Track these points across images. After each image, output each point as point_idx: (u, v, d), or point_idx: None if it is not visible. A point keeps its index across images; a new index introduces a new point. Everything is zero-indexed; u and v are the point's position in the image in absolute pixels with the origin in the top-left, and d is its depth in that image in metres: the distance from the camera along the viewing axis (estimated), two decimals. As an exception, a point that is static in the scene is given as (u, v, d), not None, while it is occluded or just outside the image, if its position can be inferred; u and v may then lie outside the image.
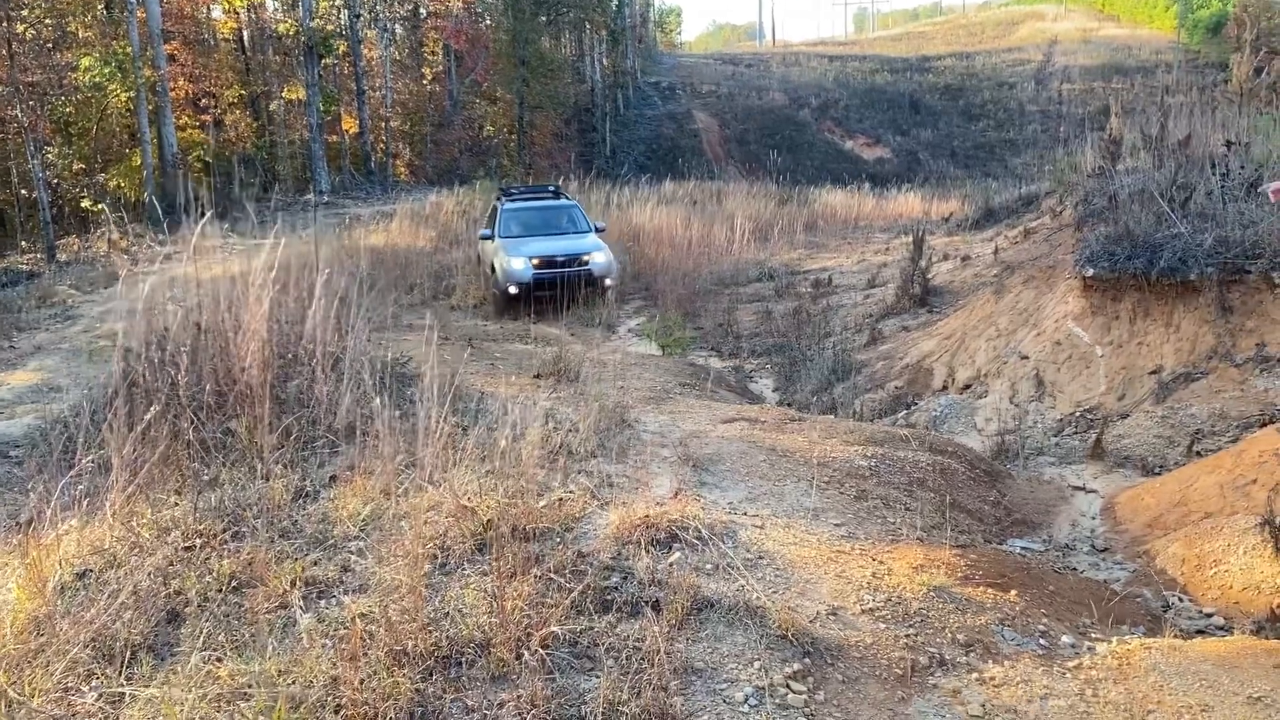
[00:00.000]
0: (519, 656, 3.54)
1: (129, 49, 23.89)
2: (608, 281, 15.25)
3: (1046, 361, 9.92)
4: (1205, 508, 6.54)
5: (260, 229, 12.01)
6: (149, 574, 4.36)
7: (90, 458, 5.30)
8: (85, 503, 5.04)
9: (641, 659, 3.57)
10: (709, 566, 4.43)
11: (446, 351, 10.86)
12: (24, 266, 18.84)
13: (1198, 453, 7.93)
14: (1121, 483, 7.86)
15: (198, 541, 4.75)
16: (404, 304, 14.73)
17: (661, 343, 13.87)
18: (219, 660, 3.72)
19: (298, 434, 6.12)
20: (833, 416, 9.33)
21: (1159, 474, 7.84)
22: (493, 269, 15.72)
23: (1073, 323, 10.04)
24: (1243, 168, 10.24)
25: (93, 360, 10.43)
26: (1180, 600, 5.64)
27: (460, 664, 3.56)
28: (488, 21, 44.16)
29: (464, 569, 4.33)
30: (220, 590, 4.25)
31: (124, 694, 3.58)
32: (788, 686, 3.55)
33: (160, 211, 20.33)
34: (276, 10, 35.82)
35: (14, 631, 4.00)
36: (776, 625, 3.85)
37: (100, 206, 22.64)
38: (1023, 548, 6.43)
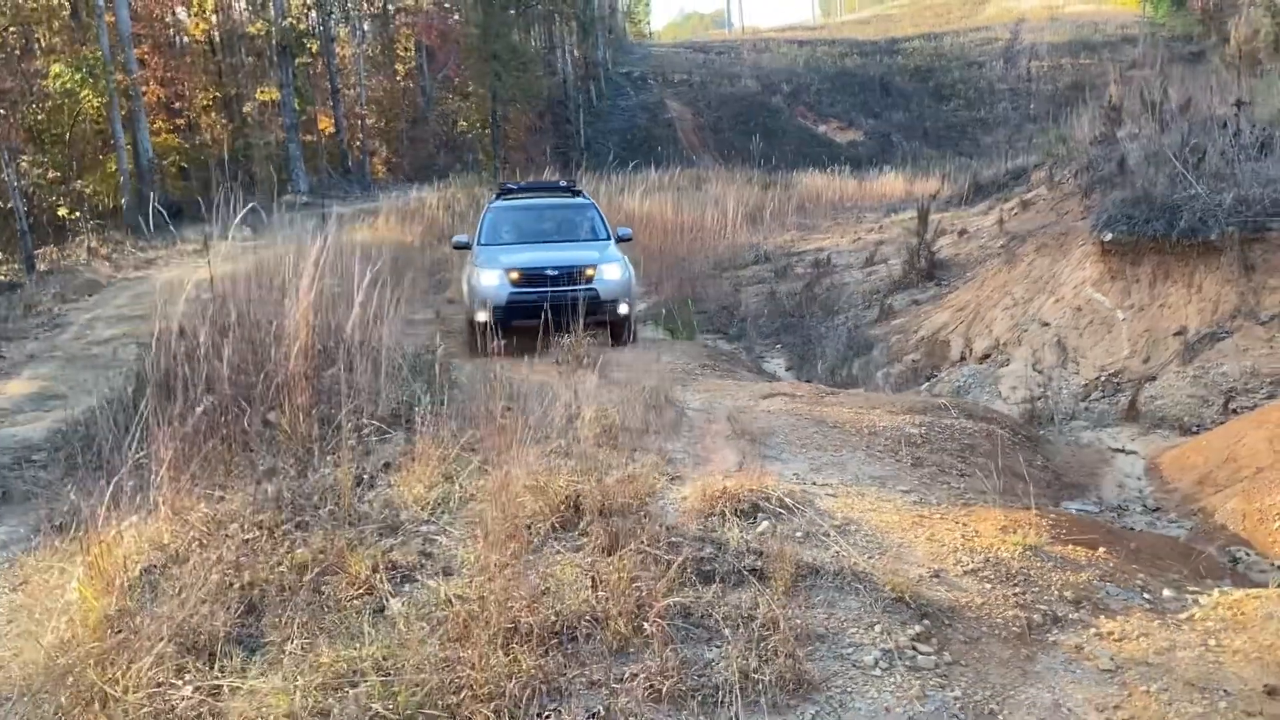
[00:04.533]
0: (637, 629, 3.42)
1: (99, 54, 23.40)
2: (622, 308, 11.00)
3: (1068, 328, 9.89)
4: (1256, 463, 6.50)
5: (248, 231, 11.79)
6: (219, 567, 4.20)
7: (138, 455, 5.13)
8: (137, 499, 4.87)
9: (761, 627, 3.46)
10: (798, 534, 4.33)
11: (454, 343, 10.69)
12: (2, 278, 18.42)
13: (1234, 410, 7.92)
14: (1161, 443, 7.83)
15: (257, 533, 4.60)
16: (401, 298, 14.47)
17: (669, 327, 13.74)
18: (313, 648, 3.58)
19: (339, 423, 5.97)
20: (862, 390, 9.26)
21: (1197, 433, 7.82)
22: (465, 289, 11.79)
23: (1092, 288, 10.02)
24: (1253, 127, 10.26)
25: (92, 366, 10.21)
26: (1247, 555, 5.60)
27: (575, 639, 3.44)
28: (457, 16, 43.73)
29: (550, 546, 4.21)
30: (299, 579, 4.10)
31: (221, 686, 3.43)
32: (914, 649, 3.46)
33: (140, 217, 19.98)
34: (246, 11, 35.23)
35: (88, 629, 3.85)
36: (889, 588, 3.76)
37: (77, 214, 22.20)
38: (1078, 509, 6.38)
